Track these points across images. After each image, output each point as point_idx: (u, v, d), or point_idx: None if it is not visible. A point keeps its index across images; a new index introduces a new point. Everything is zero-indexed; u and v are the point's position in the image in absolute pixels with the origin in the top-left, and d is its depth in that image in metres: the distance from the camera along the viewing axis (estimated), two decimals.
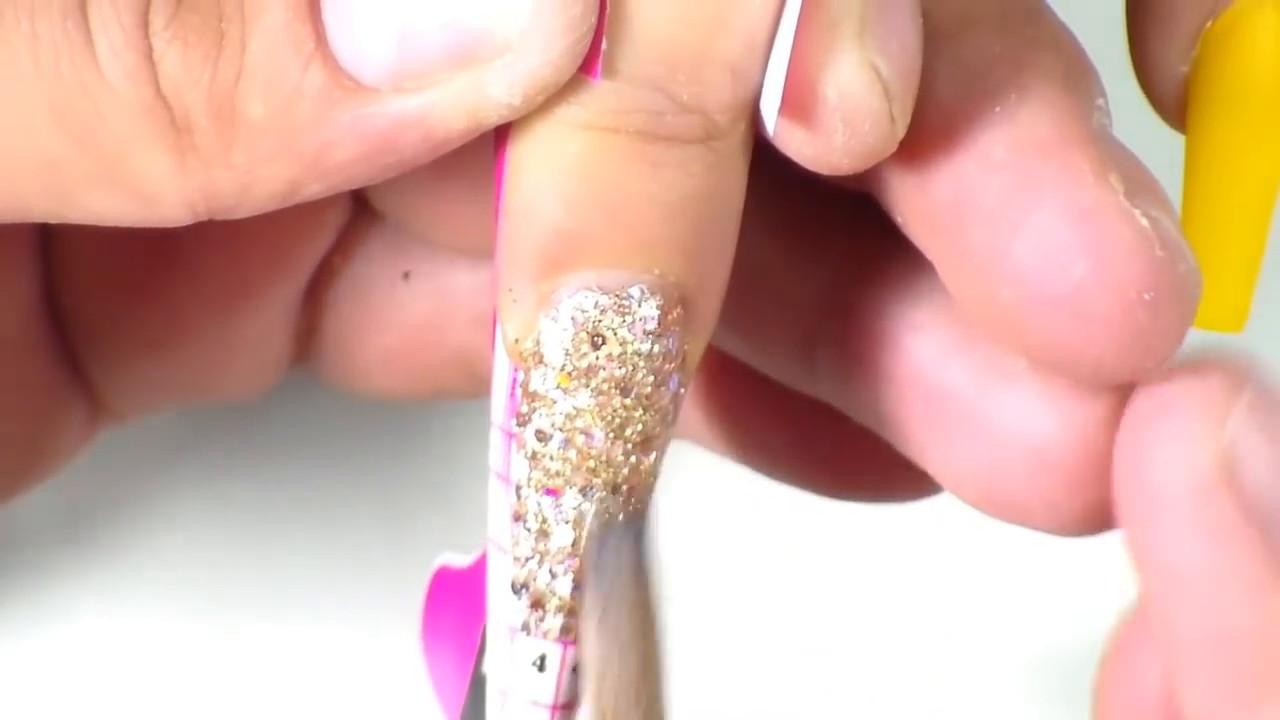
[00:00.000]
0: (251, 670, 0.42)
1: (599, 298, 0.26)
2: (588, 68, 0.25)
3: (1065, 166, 0.26)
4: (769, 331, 0.30)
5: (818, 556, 0.44)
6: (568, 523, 0.26)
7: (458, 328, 0.33)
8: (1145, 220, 0.25)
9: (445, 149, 0.26)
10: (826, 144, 0.25)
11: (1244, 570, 0.25)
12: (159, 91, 0.25)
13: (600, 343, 0.26)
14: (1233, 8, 0.28)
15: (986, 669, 0.44)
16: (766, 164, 0.26)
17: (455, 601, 0.29)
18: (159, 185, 0.26)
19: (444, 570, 0.30)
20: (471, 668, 0.29)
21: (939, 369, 0.28)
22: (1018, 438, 0.28)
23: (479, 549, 0.29)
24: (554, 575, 0.26)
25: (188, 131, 0.25)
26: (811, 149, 0.25)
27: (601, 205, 0.25)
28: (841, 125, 0.25)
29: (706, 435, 0.33)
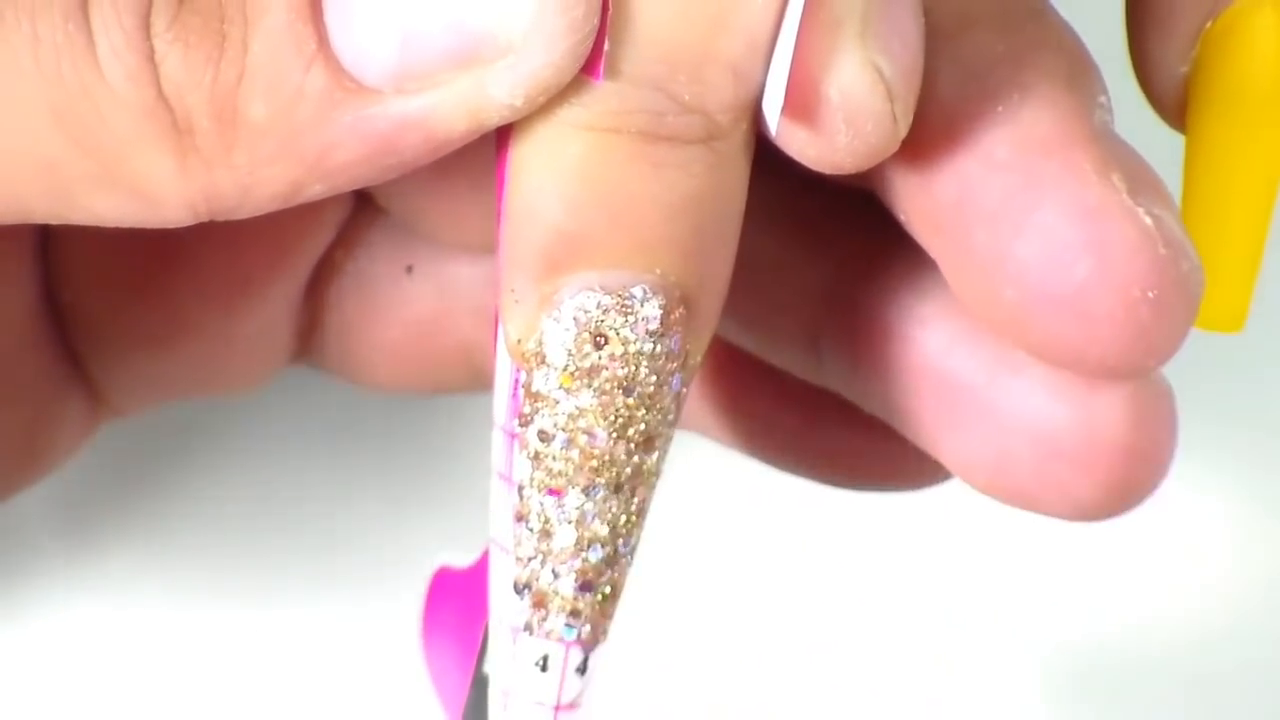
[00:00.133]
0: (251, 669, 0.42)
1: (601, 298, 0.26)
2: (590, 68, 0.25)
3: (1068, 166, 0.26)
4: (774, 322, 0.30)
5: (828, 549, 0.44)
6: (570, 523, 0.26)
7: (459, 322, 0.33)
8: (1148, 218, 0.25)
9: (447, 150, 0.25)
10: (829, 144, 0.25)
11: None
12: (160, 93, 0.25)
13: (603, 343, 0.26)
14: (1232, 8, 0.28)
15: (995, 662, 0.44)
16: (770, 159, 0.26)
17: (455, 601, 0.29)
18: (160, 186, 0.26)
19: (444, 571, 0.30)
20: (472, 668, 0.29)
21: (947, 359, 0.28)
22: (1027, 425, 0.28)
23: (479, 549, 0.29)
24: (557, 575, 0.26)
25: (189, 133, 0.25)
26: (814, 149, 0.25)
27: (603, 206, 0.25)
28: (844, 125, 0.25)
29: (714, 427, 0.33)
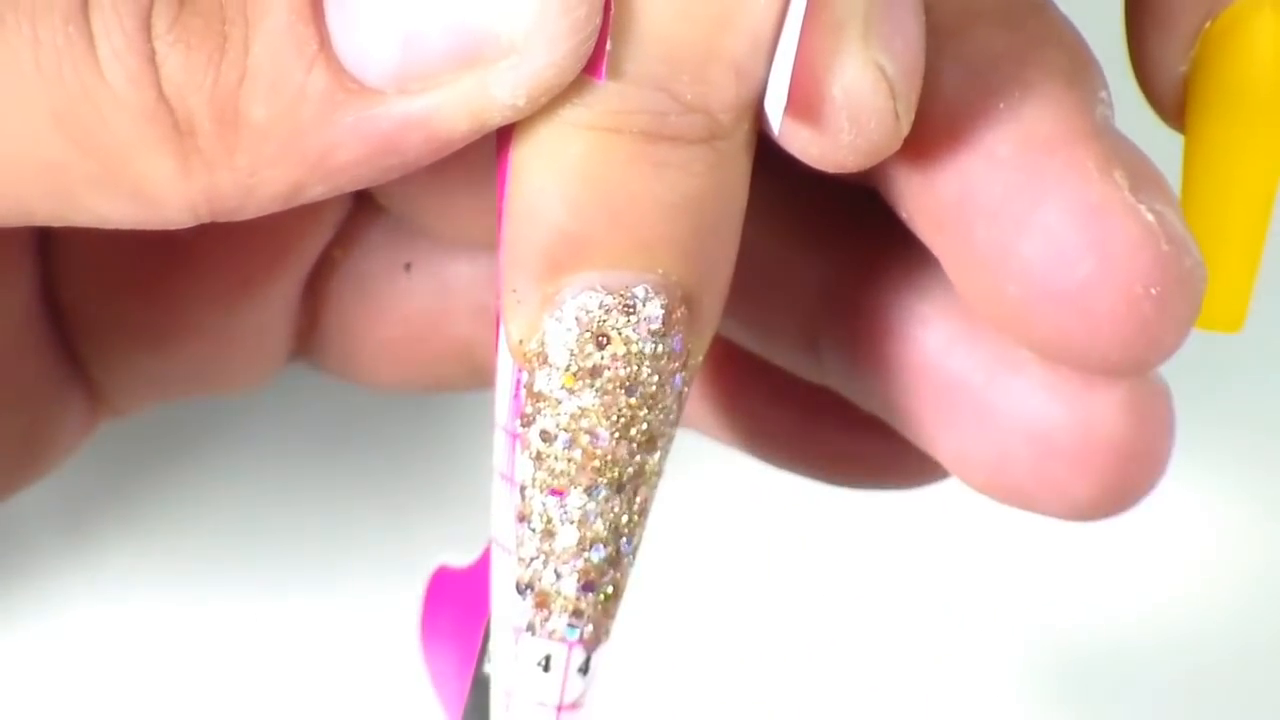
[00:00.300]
0: (250, 669, 0.42)
1: (603, 298, 0.26)
2: (592, 68, 0.25)
3: (1070, 163, 0.26)
4: (774, 321, 0.31)
5: (828, 547, 0.44)
6: (573, 523, 0.26)
7: (459, 319, 0.33)
8: (1150, 215, 0.26)
9: (449, 150, 0.25)
10: (832, 143, 0.25)
11: None
12: (162, 95, 0.25)
13: (605, 343, 0.26)
14: (1231, 8, 0.28)
15: (993, 660, 0.44)
16: (769, 158, 0.26)
17: (455, 602, 0.29)
18: (162, 188, 0.26)
19: (443, 570, 0.30)
20: (473, 668, 0.29)
21: (946, 358, 0.28)
22: (1025, 424, 0.28)
23: (478, 549, 0.29)
24: (559, 575, 0.26)
25: (190, 134, 0.25)
26: (817, 148, 0.25)
27: (605, 206, 0.25)
28: (847, 124, 0.25)
29: (714, 425, 0.33)
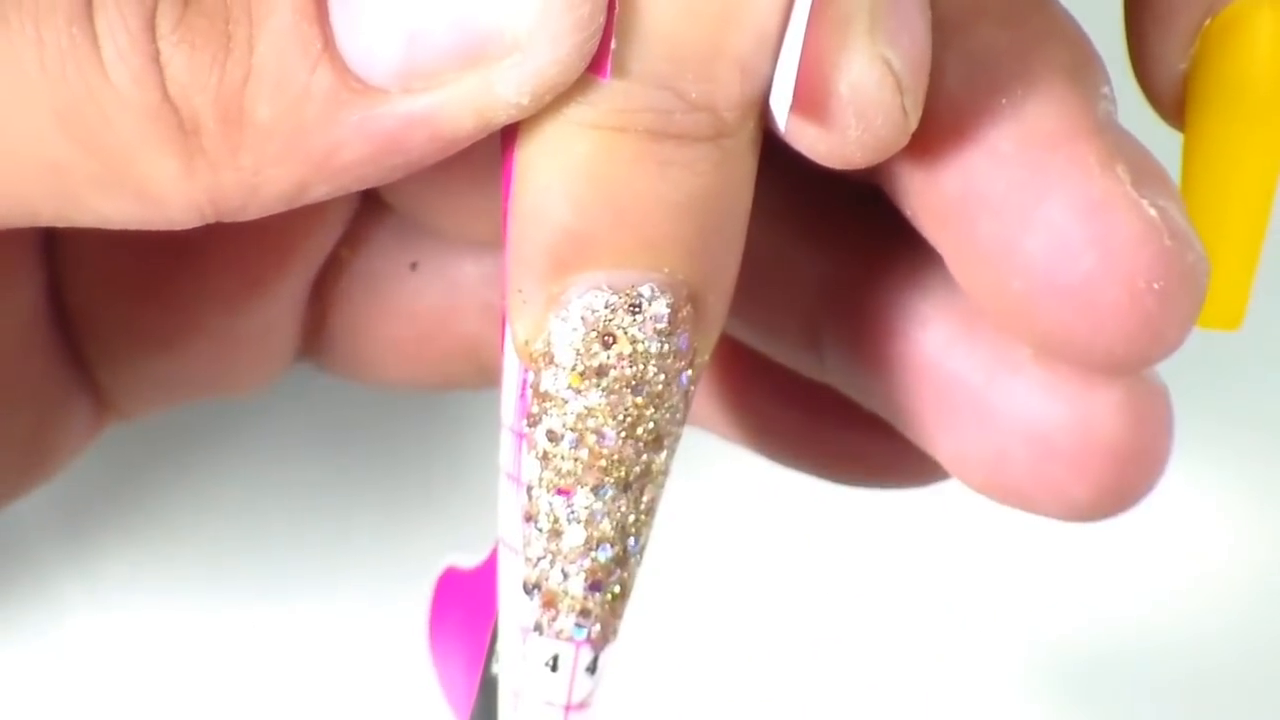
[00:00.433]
0: (256, 670, 0.42)
1: (609, 297, 0.26)
2: (597, 67, 0.25)
3: (1072, 159, 0.26)
4: (776, 319, 0.31)
5: (831, 545, 0.44)
6: (580, 522, 0.26)
7: (465, 317, 0.33)
8: (1153, 210, 0.26)
9: (454, 149, 0.25)
10: (840, 139, 0.25)
11: None
12: (166, 95, 0.25)
13: (611, 342, 0.26)
14: (1231, 6, 0.28)
15: (993, 658, 0.44)
16: (774, 154, 0.26)
17: (462, 602, 0.29)
18: (166, 188, 0.26)
19: (451, 571, 0.30)
20: (480, 668, 0.29)
21: (946, 358, 0.28)
22: (1024, 425, 0.28)
23: (485, 549, 0.29)
24: (566, 575, 0.26)
25: (195, 134, 0.25)
26: (825, 145, 0.25)
27: (610, 205, 0.25)
28: (855, 120, 0.25)
29: (719, 422, 0.33)
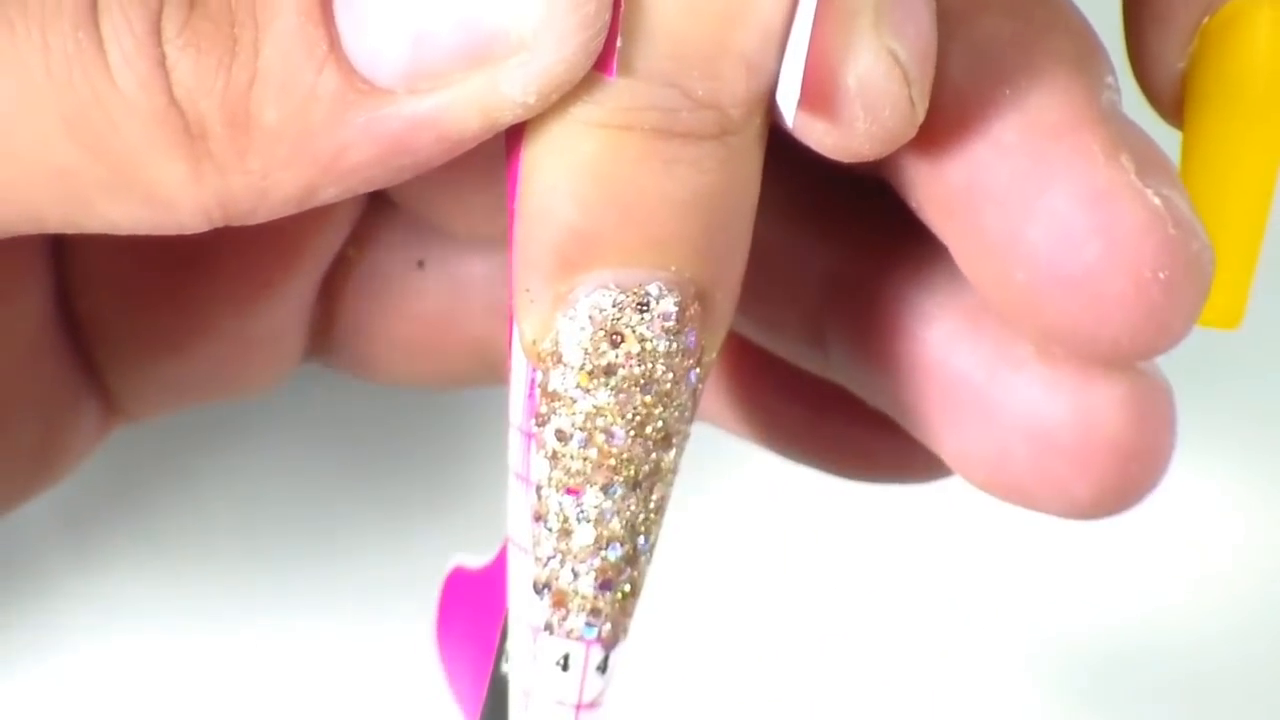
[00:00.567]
0: (261, 672, 0.42)
1: (616, 296, 0.26)
2: (603, 65, 0.25)
3: (1076, 148, 0.26)
4: (780, 315, 0.31)
5: (840, 542, 0.44)
6: (589, 521, 0.26)
7: (472, 315, 0.33)
8: (1157, 199, 0.26)
9: (460, 149, 0.25)
10: (848, 132, 0.25)
11: None
12: (172, 99, 0.25)
13: (619, 341, 0.26)
14: (1230, 4, 0.29)
15: (997, 654, 0.44)
16: (778, 150, 0.26)
17: (471, 602, 0.29)
18: (174, 193, 0.26)
19: (459, 570, 0.30)
20: (490, 668, 0.29)
21: (948, 355, 0.28)
22: (1026, 422, 0.28)
23: (493, 548, 0.29)
24: (576, 574, 0.26)
25: (202, 138, 0.25)
26: (833, 139, 0.25)
27: (616, 204, 0.25)
28: (863, 113, 0.25)
29: (727, 417, 0.33)
